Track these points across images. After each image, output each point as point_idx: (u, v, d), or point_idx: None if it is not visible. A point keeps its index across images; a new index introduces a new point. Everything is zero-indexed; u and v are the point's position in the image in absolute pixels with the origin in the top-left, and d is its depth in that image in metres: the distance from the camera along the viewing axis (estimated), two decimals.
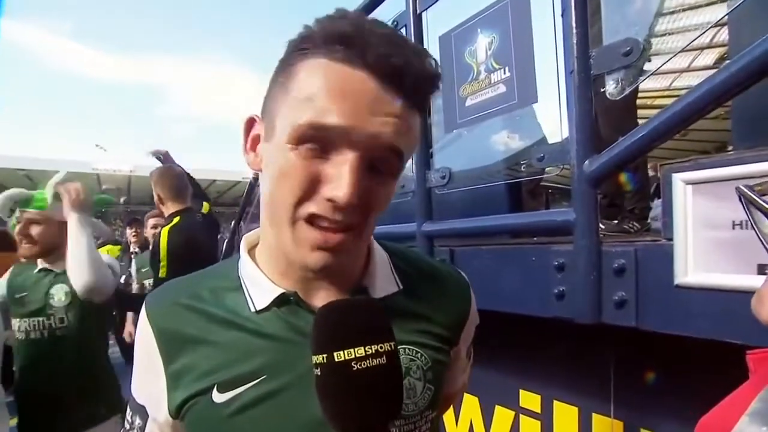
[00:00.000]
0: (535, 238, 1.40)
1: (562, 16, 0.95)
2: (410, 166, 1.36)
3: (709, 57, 6.45)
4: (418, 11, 1.35)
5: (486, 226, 1.21)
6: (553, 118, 1.03)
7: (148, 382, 0.52)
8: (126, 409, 0.57)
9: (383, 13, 1.49)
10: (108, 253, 2.45)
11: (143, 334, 0.53)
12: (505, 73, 1.13)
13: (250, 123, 0.51)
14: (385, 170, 0.45)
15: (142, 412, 0.54)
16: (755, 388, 0.38)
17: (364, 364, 0.39)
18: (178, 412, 0.49)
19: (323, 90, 0.41)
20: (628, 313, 0.87)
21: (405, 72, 0.41)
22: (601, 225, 1.89)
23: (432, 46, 1.35)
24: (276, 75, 0.46)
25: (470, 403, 1.42)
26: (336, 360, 0.39)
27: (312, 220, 0.43)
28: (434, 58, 0.45)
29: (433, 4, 1.32)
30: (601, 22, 0.91)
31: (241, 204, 3.58)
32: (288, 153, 0.42)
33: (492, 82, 1.16)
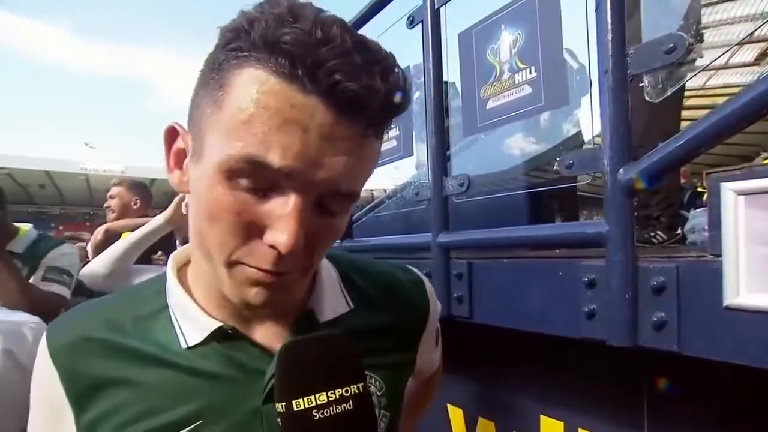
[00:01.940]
0: (557, 251, 1.36)
1: (596, 11, 0.92)
2: (426, 172, 1.33)
3: (749, 53, 6.36)
4: (436, 6, 1.32)
5: (508, 238, 1.18)
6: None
7: None
8: None
9: (398, 9, 1.47)
10: None
11: (44, 378, 0.45)
12: (530, 73, 1.10)
13: (172, 134, 0.44)
14: (334, 209, 0.40)
15: None
16: None
17: (326, 411, 0.36)
18: None
19: (263, 116, 0.34)
20: (669, 335, 0.83)
21: (366, 100, 0.35)
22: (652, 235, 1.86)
23: (451, 43, 1.33)
24: (205, 77, 0.39)
25: (486, 428, 1.38)
26: (295, 409, 0.36)
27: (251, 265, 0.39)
28: (403, 73, 0.39)
29: None
30: (640, 16, 0.88)
31: None
32: (217, 187, 0.37)
33: (516, 83, 1.13)
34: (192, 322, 0.45)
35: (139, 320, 0.47)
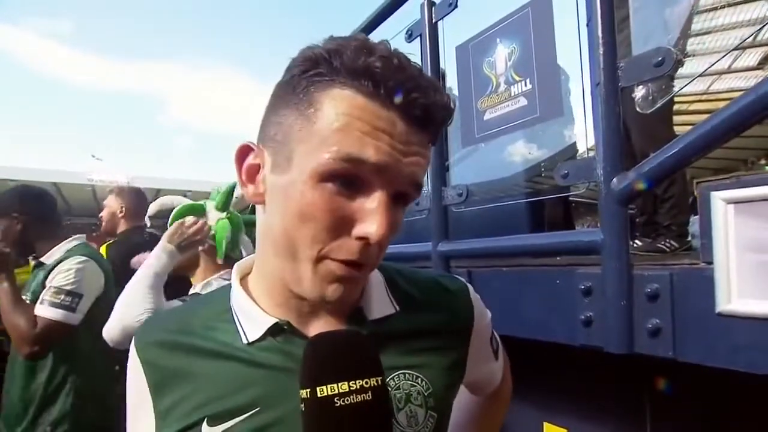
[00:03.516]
0: (558, 258, 1.38)
1: (588, 25, 0.95)
2: (425, 182, 1.35)
3: (752, 57, 6.36)
4: (434, 20, 1.36)
5: (506, 246, 1.20)
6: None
7: (138, 419, 0.52)
8: None
9: (398, 22, 1.50)
10: None
11: (133, 370, 0.53)
12: (526, 85, 1.13)
13: (245, 151, 0.49)
14: (404, 202, 0.47)
15: None
16: None
17: (347, 400, 0.40)
18: None
19: (356, 123, 0.41)
20: (664, 342, 0.84)
21: (431, 113, 0.43)
22: (638, 242, 1.86)
23: (448, 56, 1.36)
24: (286, 100, 0.45)
25: None
26: (318, 395, 0.40)
27: (338, 259, 0.44)
28: (448, 92, 0.48)
29: (449, 13, 1.33)
30: (630, 30, 0.91)
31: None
32: (311, 190, 0.42)
33: (512, 94, 1.16)
34: (252, 321, 0.50)
35: (207, 323, 0.53)
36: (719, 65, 6.45)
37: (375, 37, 1.60)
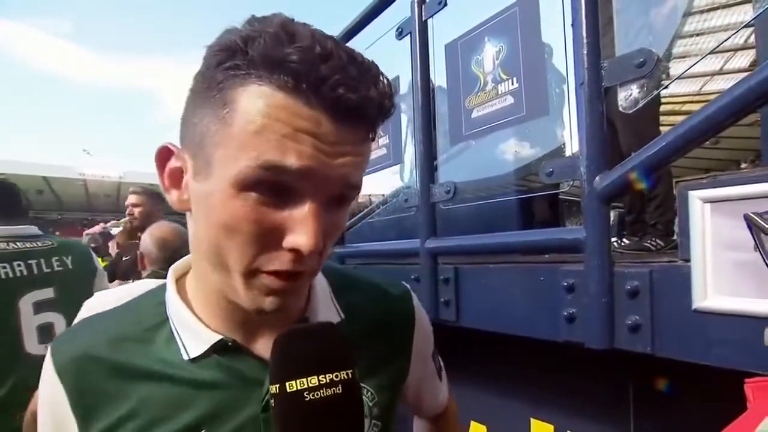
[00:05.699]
0: (546, 256, 1.40)
1: (572, 25, 0.96)
2: (414, 179, 1.36)
3: (743, 59, 6.41)
4: (423, 18, 1.37)
5: (492, 244, 1.21)
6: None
7: None
8: None
9: (388, 20, 1.51)
10: None
11: (51, 391, 0.47)
12: (513, 84, 1.14)
13: (166, 154, 0.45)
14: (339, 204, 0.43)
15: None
16: (754, 418, 0.38)
17: (317, 394, 0.39)
18: None
19: (275, 126, 0.37)
20: (643, 338, 0.86)
21: (362, 109, 0.39)
22: (625, 241, 1.89)
23: (438, 54, 1.37)
24: (202, 96, 0.40)
25: None
26: (288, 390, 0.38)
27: (270, 272, 0.41)
28: (388, 80, 0.41)
29: (439, 11, 1.34)
30: (614, 32, 0.92)
31: None
32: (232, 200, 0.38)
33: (499, 93, 1.17)
34: (193, 335, 0.47)
35: (140, 335, 0.48)
36: (712, 66, 6.51)
37: (364, 33, 1.61)
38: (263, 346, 0.48)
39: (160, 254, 1.47)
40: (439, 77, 1.39)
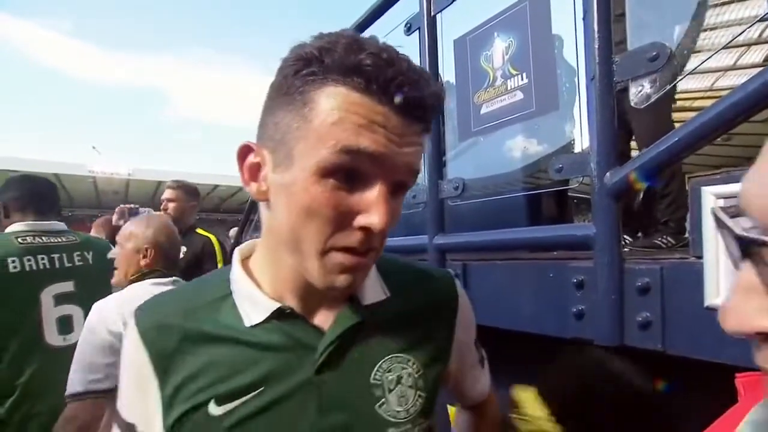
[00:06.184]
0: (555, 253, 1.39)
1: (584, 19, 0.95)
2: (422, 175, 1.36)
3: (757, 54, 6.30)
4: (432, 13, 1.36)
5: (501, 240, 1.21)
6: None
7: (140, 400, 0.53)
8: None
9: (396, 16, 1.51)
10: None
11: (134, 352, 0.53)
12: (522, 79, 1.13)
13: (245, 151, 0.51)
14: (402, 190, 0.49)
15: (131, 430, 0.55)
16: (742, 411, 0.38)
17: None
18: (173, 428, 0.50)
19: (352, 117, 0.43)
20: (654, 335, 0.85)
21: (423, 105, 0.45)
22: (637, 237, 1.87)
23: (446, 49, 1.36)
24: (283, 100, 0.46)
25: None
26: None
27: (342, 248, 0.47)
28: (440, 83, 0.49)
29: (448, 5, 1.33)
30: (626, 25, 0.91)
31: (245, 212, 3.61)
32: (313, 186, 0.44)
33: (509, 88, 1.17)
34: (255, 304, 0.53)
35: (208, 305, 0.54)
36: (725, 62, 6.41)
37: (373, 29, 1.60)
38: (317, 315, 0.54)
39: (170, 254, 1.48)
40: (447, 73, 1.39)
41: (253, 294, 0.54)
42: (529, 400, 0.47)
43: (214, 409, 0.49)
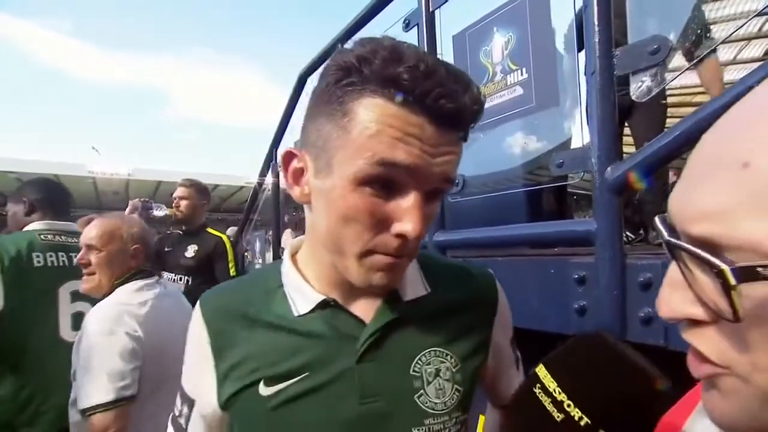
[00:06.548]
0: (556, 249, 1.38)
1: (584, 12, 0.95)
2: None
3: (757, 48, 6.28)
4: (431, 9, 1.35)
5: (501, 236, 1.20)
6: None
7: (199, 375, 0.58)
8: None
9: (394, 12, 1.50)
10: None
11: (198, 332, 0.59)
12: (522, 74, 1.12)
13: (290, 157, 0.54)
14: (438, 195, 0.51)
15: (190, 402, 0.60)
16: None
17: None
18: (226, 403, 0.55)
19: (388, 131, 0.44)
20: (656, 330, 0.85)
21: (459, 115, 0.46)
22: (642, 233, 1.87)
23: (445, 45, 1.36)
24: (323, 109, 0.48)
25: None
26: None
27: (380, 252, 0.49)
28: (478, 88, 0.48)
29: (446, 1, 1.33)
30: (626, 18, 0.90)
31: (244, 212, 3.61)
32: (351, 194, 0.46)
33: (508, 84, 1.16)
34: (303, 296, 0.57)
35: (263, 295, 0.59)
36: (725, 56, 6.39)
37: (371, 26, 1.59)
38: (360, 307, 0.57)
39: (152, 252, 1.46)
40: None
41: (301, 286, 0.57)
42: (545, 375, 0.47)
43: (263, 390, 0.53)
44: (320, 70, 0.51)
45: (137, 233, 1.38)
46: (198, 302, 0.61)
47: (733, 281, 0.24)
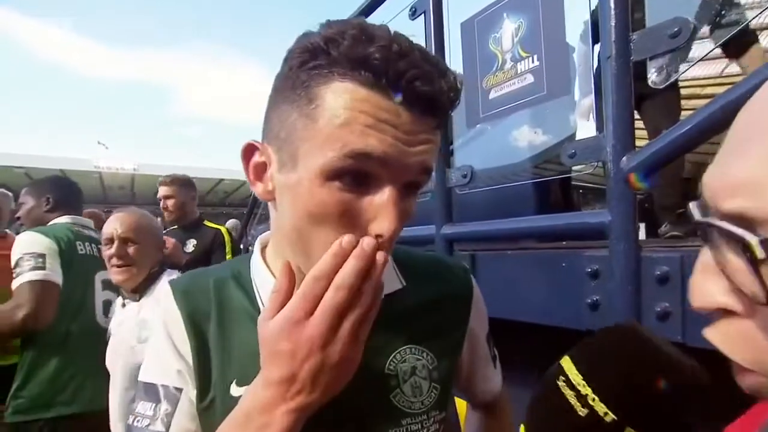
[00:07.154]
0: (564, 242, 1.35)
1: None
2: None
3: None
4: None
5: (511, 229, 1.17)
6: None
7: (176, 360, 0.54)
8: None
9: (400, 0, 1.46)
10: None
11: (170, 314, 0.55)
12: (533, 62, 1.09)
13: (251, 150, 0.49)
14: (415, 188, 0.47)
15: (172, 396, 0.54)
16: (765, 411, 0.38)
17: None
18: (201, 401, 0.53)
19: (359, 118, 0.40)
20: (673, 326, 0.82)
21: (436, 100, 0.42)
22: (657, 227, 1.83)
23: (453, 33, 1.32)
24: (287, 95, 0.44)
25: None
26: None
27: None
28: (455, 74, 0.45)
29: None
30: (644, 0, 0.87)
31: (248, 206, 3.60)
32: (319, 190, 0.42)
33: (518, 72, 1.12)
34: (268, 289, 0.53)
35: (233, 282, 0.57)
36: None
37: (377, 14, 1.56)
38: None
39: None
40: (454, 58, 1.34)
41: (268, 281, 0.55)
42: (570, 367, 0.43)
43: (235, 391, 0.51)
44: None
45: (161, 227, 1.48)
46: (167, 287, 0.58)
47: (761, 254, 0.22)
